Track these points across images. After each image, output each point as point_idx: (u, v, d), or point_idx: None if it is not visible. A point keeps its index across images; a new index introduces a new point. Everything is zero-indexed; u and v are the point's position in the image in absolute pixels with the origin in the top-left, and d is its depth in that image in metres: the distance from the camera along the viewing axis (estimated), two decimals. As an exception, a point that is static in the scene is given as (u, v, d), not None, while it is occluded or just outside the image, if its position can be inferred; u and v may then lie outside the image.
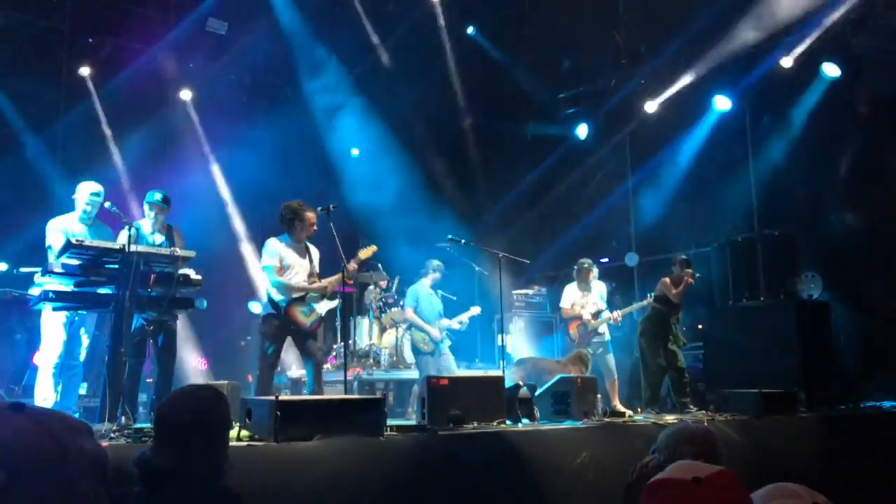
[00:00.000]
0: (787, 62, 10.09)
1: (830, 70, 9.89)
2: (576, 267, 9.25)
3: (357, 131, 12.44)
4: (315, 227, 6.76)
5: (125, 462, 3.65)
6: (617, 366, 9.02)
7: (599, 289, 9.27)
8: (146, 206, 6.35)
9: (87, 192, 6.14)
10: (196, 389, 2.51)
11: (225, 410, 2.42)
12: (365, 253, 7.17)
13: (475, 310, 9.37)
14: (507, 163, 13.40)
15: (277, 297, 6.58)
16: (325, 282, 6.70)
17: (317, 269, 6.85)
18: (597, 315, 9.01)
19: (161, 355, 6.04)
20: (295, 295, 6.58)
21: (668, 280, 8.55)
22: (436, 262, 9.13)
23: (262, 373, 6.56)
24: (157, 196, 6.32)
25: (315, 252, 6.89)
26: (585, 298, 9.12)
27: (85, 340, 6.12)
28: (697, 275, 8.80)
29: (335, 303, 6.85)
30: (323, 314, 6.67)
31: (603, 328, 9.06)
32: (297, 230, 6.68)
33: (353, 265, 6.73)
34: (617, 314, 8.97)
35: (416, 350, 8.96)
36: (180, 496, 2.19)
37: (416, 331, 8.93)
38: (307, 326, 6.54)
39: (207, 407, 2.35)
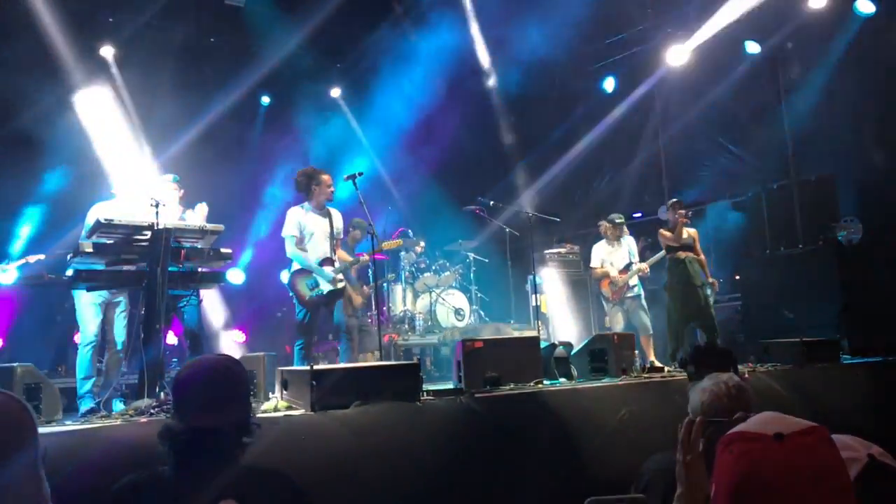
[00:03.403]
0: (819, 1, 9.76)
1: (865, 6, 9.55)
2: (601, 225, 9.19)
3: (378, 95, 12.36)
4: (332, 189, 6.81)
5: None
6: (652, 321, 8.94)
7: (629, 244, 9.17)
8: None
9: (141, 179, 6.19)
10: (209, 356, 2.53)
11: (240, 372, 2.41)
12: (389, 245, 7.48)
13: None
14: (533, 120, 13.20)
15: (295, 267, 6.67)
16: (332, 267, 6.72)
17: (341, 235, 6.93)
18: (626, 269, 8.93)
19: (188, 330, 6.13)
20: (299, 267, 6.67)
21: (663, 230, 8.45)
22: (354, 220, 8.92)
23: (301, 342, 6.63)
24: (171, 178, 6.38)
25: (337, 216, 6.91)
26: (613, 255, 9.04)
27: (122, 318, 6.17)
28: (690, 213, 8.72)
29: (341, 283, 6.82)
30: (325, 292, 6.64)
31: (635, 282, 8.96)
32: (316, 194, 6.73)
33: (365, 257, 6.96)
34: (645, 265, 8.89)
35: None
36: (208, 461, 2.19)
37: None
38: (306, 299, 6.56)
39: (222, 368, 2.36)
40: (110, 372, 6.07)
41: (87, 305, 5.82)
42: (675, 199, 8.71)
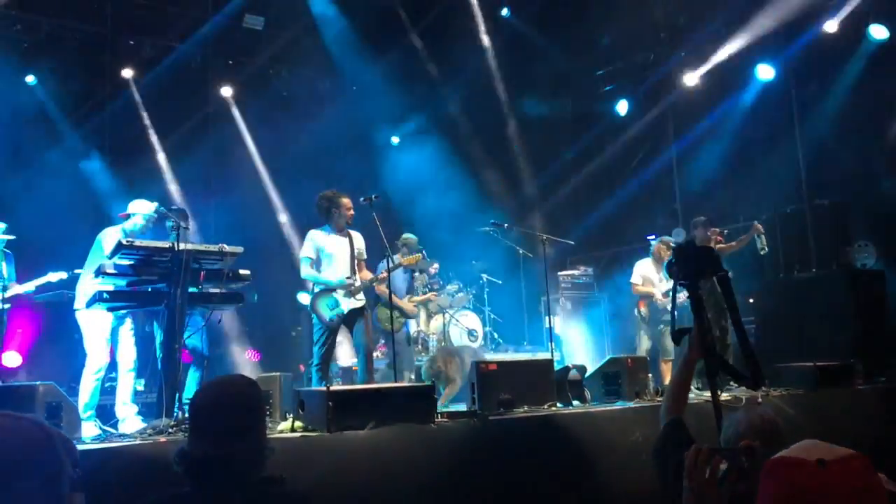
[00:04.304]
0: (831, 27, 9.82)
1: (878, 32, 9.60)
2: (654, 245, 9.14)
3: (396, 119, 12.48)
4: (352, 212, 6.86)
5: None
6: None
7: None
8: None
9: (145, 209, 6.25)
10: (227, 378, 2.53)
11: (257, 396, 2.42)
12: (408, 260, 7.47)
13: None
14: (547, 143, 13.28)
15: (313, 288, 6.76)
16: (356, 283, 6.75)
17: (364, 256, 6.97)
18: (667, 293, 8.90)
19: (198, 354, 6.20)
20: (320, 288, 6.71)
21: None
22: (404, 237, 8.95)
23: (317, 362, 6.67)
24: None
25: (358, 238, 6.97)
26: (658, 276, 9.02)
27: (130, 338, 6.19)
28: (726, 231, 8.63)
29: (361, 302, 6.85)
30: (346, 312, 6.68)
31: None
32: (336, 217, 6.79)
33: (383, 275, 6.94)
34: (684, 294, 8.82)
35: (384, 330, 8.52)
36: (225, 485, 2.21)
37: (382, 307, 8.35)
38: (327, 320, 6.59)
39: (239, 393, 2.35)
40: (124, 392, 6.10)
41: (97, 329, 5.84)
42: (703, 217, 8.65)
